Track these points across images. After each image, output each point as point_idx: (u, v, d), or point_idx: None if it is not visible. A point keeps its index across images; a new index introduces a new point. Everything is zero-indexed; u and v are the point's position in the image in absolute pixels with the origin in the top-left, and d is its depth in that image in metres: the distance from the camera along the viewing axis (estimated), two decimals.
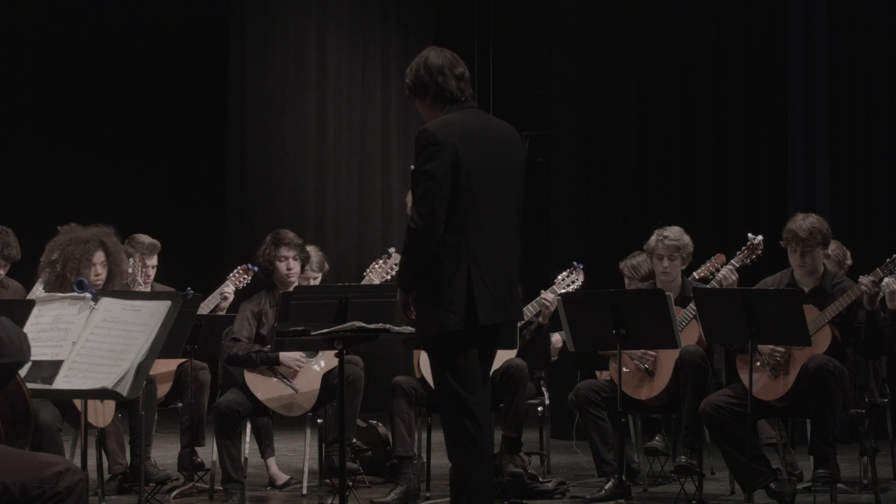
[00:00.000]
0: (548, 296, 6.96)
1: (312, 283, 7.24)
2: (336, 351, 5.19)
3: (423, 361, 6.63)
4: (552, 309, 6.89)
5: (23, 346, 3.49)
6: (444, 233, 4.66)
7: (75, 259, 6.06)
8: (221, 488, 6.63)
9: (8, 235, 7.00)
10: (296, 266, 6.94)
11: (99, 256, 6.18)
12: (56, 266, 6.06)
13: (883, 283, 6.27)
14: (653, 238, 6.99)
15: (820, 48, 10.00)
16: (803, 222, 6.44)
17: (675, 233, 6.96)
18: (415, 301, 4.76)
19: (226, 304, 7.48)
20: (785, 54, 10.19)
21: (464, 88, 4.86)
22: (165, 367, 7.18)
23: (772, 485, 6.29)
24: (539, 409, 7.22)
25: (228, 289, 7.50)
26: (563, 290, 6.97)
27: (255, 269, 7.31)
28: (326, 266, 7.48)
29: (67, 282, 5.99)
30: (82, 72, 12.55)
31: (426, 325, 4.72)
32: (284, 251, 6.92)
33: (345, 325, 5.20)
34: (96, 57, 12.59)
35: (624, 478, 6.44)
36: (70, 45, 12.43)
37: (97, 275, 6.12)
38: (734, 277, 6.81)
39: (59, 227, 6.38)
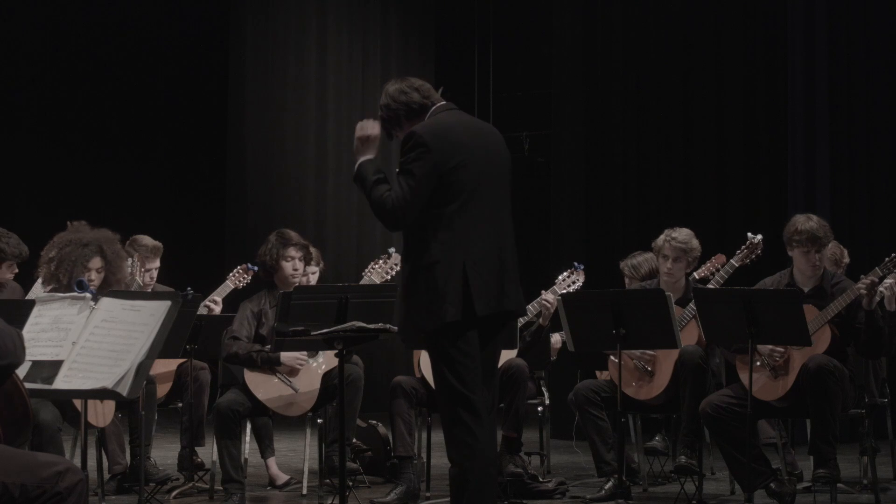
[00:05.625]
0: (548, 296, 6.94)
1: (311, 277, 7.25)
2: (336, 351, 5.19)
3: (424, 361, 6.63)
4: (552, 310, 6.88)
5: (17, 348, 3.48)
6: (437, 229, 4.70)
7: (70, 262, 6.05)
8: (221, 488, 6.63)
9: (10, 237, 7.00)
10: (301, 266, 6.95)
11: (95, 262, 6.13)
12: (51, 265, 6.06)
13: (882, 285, 6.27)
14: (661, 237, 6.94)
15: (820, 48, 9.99)
16: (813, 223, 6.42)
17: (684, 235, 6.93)
18: (411, 298, 4.77)
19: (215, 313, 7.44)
20: (785, 54, 10.19)
21: (429, 94, 4.95)
22: (165, 367, 7.17)
23: (772, 485, 6.29)
24: (539, 409, 7.22)
25: (216, 298, 7.46)
26: (563, 291, 6.95)
27: (255, 268, 7.30)
28: (322, 263, 7.52)
29: (60, 282, 5.98)
30: (82, 71, 12.56)
31: (424, 320, 4.73)
32: (292, 251, 6.92)
33: (345, 325, 5.20)
34: (96, 56, 12.59)
35: (624, 478, 6.43)
36: (70, 44, 12.43)
37: (90, 280, 6.02)
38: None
39: (69, 222, 6.37)
